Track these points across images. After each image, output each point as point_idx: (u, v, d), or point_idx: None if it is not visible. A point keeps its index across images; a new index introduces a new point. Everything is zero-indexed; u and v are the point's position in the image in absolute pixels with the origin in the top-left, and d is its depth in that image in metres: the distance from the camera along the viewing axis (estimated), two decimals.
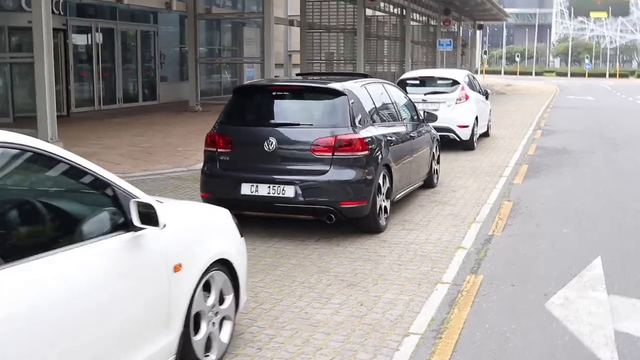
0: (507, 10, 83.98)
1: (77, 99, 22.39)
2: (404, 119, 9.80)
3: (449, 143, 15.32)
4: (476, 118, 15.60)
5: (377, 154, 8.15)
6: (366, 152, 7.85)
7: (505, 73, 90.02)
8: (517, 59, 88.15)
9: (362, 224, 8.12)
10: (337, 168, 7.71)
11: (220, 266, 4.72)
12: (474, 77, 17.72)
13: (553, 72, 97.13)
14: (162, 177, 11.87)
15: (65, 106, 21.10)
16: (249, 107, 8.45)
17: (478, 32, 75.47)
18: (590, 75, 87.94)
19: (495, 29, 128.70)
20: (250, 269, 6.81)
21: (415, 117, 10.40)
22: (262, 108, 8.38)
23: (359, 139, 7.82)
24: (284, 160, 7.84)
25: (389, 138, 8.55)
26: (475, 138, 15.60)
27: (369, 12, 40.65)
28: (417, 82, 15.86)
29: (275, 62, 37.35)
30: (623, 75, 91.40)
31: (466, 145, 15.36)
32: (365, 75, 9.68)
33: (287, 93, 8.26)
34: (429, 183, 10.89)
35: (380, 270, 6.81)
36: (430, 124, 11.02)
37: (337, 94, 8.00)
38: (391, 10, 41.86)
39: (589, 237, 8.13)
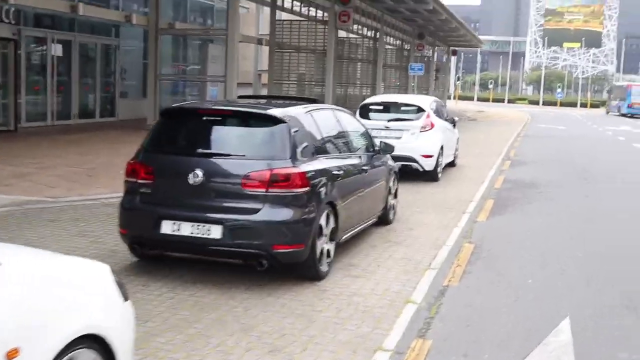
0: (482, 37, 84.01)
1: (29, 113, 21.15)
2: (357, 149, 8.79)
3: (412, 173, 14.37)
4: (441, 147, 14.66)
5: (321, 190, 7.12)
6: (306, 189, 6.82)
7: (479, 99, 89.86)
8: (490, 86, 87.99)
9: (300, 270, 7.07)
10: (271, 206, 6.67)
11: (88, 343, 3.62)
12: (441, 104, 16.81)
13: (525, 100, 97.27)
14: (95, 204, 10.73)
15: (14, 120, 19.86)
16: (176, 132, 7.38)
17: (452, 57, 75.27)
18: (562, 104, 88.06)
19: (470, 55, 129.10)
20: (161, 325, 5.74)
21: (371, 148, 9.40)
22: (191, 135, 7.30)
23: (299, 173, 6.78)
24: (211, 195, 6.78)
25: (336, 172, 7.52)
26: (440, 169, 14.65)
27: (342, 33, 39.98)
28: (381, 107, 14.90)
29: (244, 81, 36.52)
30: (594, 105, 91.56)
31: (430, 176, 14.40)
32: (314, 101, 8.68)
33: (219, 118, 7.18)
34: (384, 219, 9.88)
35: (313, 330, 5.75)
36: (391, 154, 10.07)
37: (276, 121, 6.97)
38: (365, 33, 41.17)
39: (557, 290, 7.14)
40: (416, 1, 32.22)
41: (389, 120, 14.25)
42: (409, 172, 14.40)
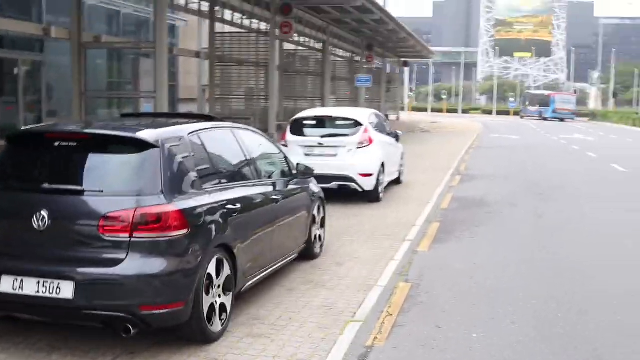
0: (434, 48, 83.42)
1: None
2: (266, 175, 7.28)
3: (351, 194, 12.91)
4: (382, 164, 13.22)
5: (208, 231, 5.61)
6: (185, 231, 5.28)
7: (433, 110, 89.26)
8: (444, 97, 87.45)
9: (184, 332, 5.52)
10: (137, 256, 5.13)
11: None
12: (382, 117, 15.39)
13: (479, 110, 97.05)
14: None
15: None
16: (22, 163, 5.75)
17: (405, 69, 74.48)
18: (515, 112, 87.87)
19: (424, 67, 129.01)
20: None
21: (287, 172, 7.90)
22: (37, 166, 5.68)
23: (174, 212, 5.25)
24: (61, 243, 5.22)
25: (231, 206, 5.99)
26: (381, 188, 13.20)
27: (291, 46, 38.58)
28: (314, 122, 13.41)
29: (188, 97, 34.88)
30: None
31: (370, 197, 12.95)
32: (210, 118, 7.16)
33: (74, 144, 5.58)
34: (308, 254, 8.37)
35: None
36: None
37: (145, 146, 5.42)
38: (312, 45, 39.82)
39: (508, 349, 5.67)
40: (362, 11, 30.95)
41: (322, 137, 12.79)
42: (348, 194, 12.97)
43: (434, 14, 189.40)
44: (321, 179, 12.44)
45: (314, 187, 8.65)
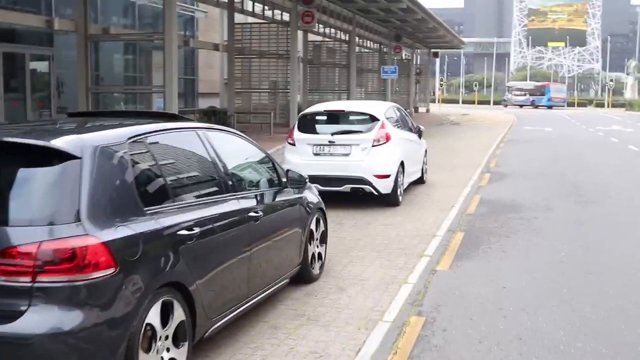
0: (466, 39, 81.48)
1: None
2: (244, 187, 5.90)
3: (366, 198, 11.50)
4: (402, 164, 11.77)
5: (147, 268, 4.26)
6: (112, 271, 3.95)
7: (464, 102, 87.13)
8: (475, 88, 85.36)
9: None
10: (43, 307, 3.80)
11: None
12: (404, 111, 13.90)
13: None
14: None
15: None
16: None
17: (435, 60, 72.57)
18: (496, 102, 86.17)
19: (455, 58, 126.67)
20: None
21: (276, 180, 6.51)
22: None
23: (96, 245, 3.91)
24: None
25: (185, 232, 4.63)
26: (400, 190, 11.74)
27: (317, 38, 37.16)
28: (324, 117, 11.98)
29: (211, 91, 33.62)
30: (581, 104, 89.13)
31: (388, 201, 11.52)
32: (174, 117, 5.81)
33: None
34: (304, 276, 6.98)
35: None
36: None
37: (61, 157, 4.07)
38: (338, 36, 38.36)
39: None
40: (389, 0, 29.46)
41: (333, 134, 11.36)
42: (362, 197, 11.56)
43: (466, 4, 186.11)
44: (332, 181, 11.13)
45: (312, 196, 7.25)
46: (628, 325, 5.87)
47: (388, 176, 11.29)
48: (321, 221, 7.39)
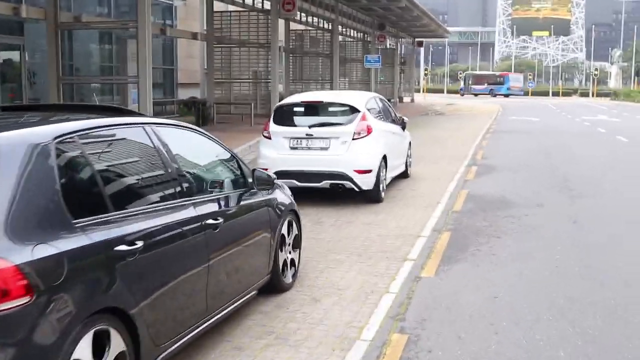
0: (450, 28, 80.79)
1: None
2: (202, 190, 5.18)
3: (346, 194, 10.81)
4: (384, 158, 11.09)
5: (74, 293, 3.54)
6: (27, 300, 3.25)
7: (449, 92, 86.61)
8: (460, 78, 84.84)
9: None
10: None
11: None
12: (387, 102, 13.20)
13: None
14: None
15: None
16: None
17: (420, 49, 71.89)
18: (534, 93, 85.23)
19: (440, 48, 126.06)
20: None
21: (240, 181, 5.79)
22: None
23: (5, 270, 3.20)
24: None
25: (124, 247, 3.91)
26: (382, 186, 11.06)
27: (298, 26, 36.33)
28: (301, 109, 11.25)
29: (191, 82, 32.75)
30: (566, 94, 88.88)
31: (369, 197, 10.84)
32: (119, 111, 5.08)
33: None
34: (275, 286, 6.28)
35: None
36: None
37: None
38: (321, 25, 37.57)
39: None
40: None
41: (311, 126, 10.64)
42: (342, 193, 10.87)
43: None
44: (310, 176, 10.44)
45: (283, 197, 6.54)
46: (636, 343, 5.22)
47: (369, 171, 10.60)
48: (294, 224, 6.69)
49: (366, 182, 10.60)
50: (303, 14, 34.43)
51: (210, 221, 4.90)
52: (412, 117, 35.19)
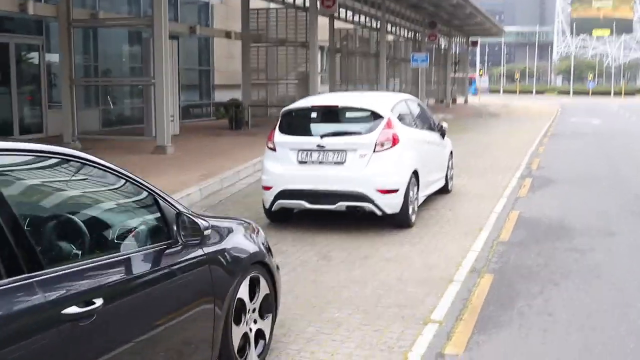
0: (507, 28, 77.66)
1: None
2: (68, 257, 3.21)
3: (368, 217, 8.76)
4: (415, 174, 8.98)
5: None
6: None
7: (505, 92, 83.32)
8: (516, 79, 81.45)
9: None
10: None
11: None
12: (421, 105, 11.02)
13: (555, 91, 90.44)
14: None
15: None
16: None
17: (475, 49, 69.08)
18: (594, 93, 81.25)
19: (496, 48, 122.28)
20: None
21: (163, 231, 3.80)
22: None
23: None
24: None
25: None
26: (413, 208, 8.93)
27: (345, 25, 34.30)
28: (313, 115, 9.20)
29: (233, 83, 30.99)
30: (629, 94, 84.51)
31: (396, 222, 8.75)
32: None
33: None
34: None
35: None
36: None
37: None
38: (368, 24, 35.48)
39: None
40: None
41: (323, 136, 8.60)
42: (364, 216, 8.83)
43: None
44: (322, 197, 8.39)
45: (242, 244, 4.53)
46: None
47: (395, 191, 8.50)
48: (262, 282, 4.67)
49: (391, 205, 8.50)
50: (349, 12, 32.45)
51: (73, 309, 2.91)
52: (463, 119, 32.85)
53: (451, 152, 11.61)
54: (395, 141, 8.59)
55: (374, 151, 8.46)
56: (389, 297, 6.13)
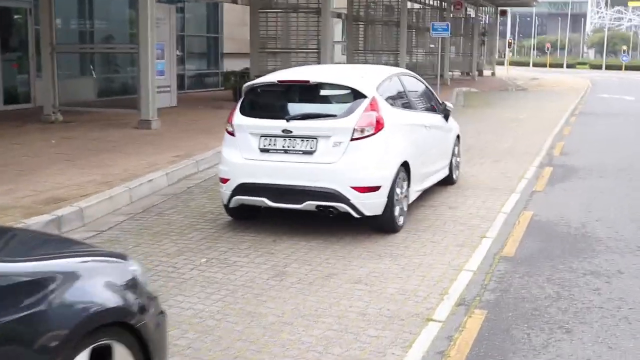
0: None
1: None
2: None
3: (342, 218, 7.12)
4: (405, 165, 7.29)
5: None
6: None
7: (535, 65, 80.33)
8: (547, 50, 78.28)
9: None
10: None
11: None
12: (420, 81, 9.17)
13: (586, 65, 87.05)
14: None
15: None
16: None
17: (504, 19, 66.28)
18: (628, 67, 77.87)
19: (528, 19, 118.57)
20: None
21: None
22: None
23: None
24: None
25: None
26: (400, 208, 7.25)
27: None
28: (280, 92, 7.51)
29: (238, 51, 29.24)
30: None
31: (379, 225, 7.10)
32: None
33: None
34: None
35: None
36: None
37: None
38: None
39: None
40: None
41: (289, 119, 6.92)
42: (336, 219, 7.19)
43: None
44: (286, 194, 6.72)
45: (89, 295, 2.94)
46: None
47: (376, 188, 6.83)
48: (118, 352, 3.06)
49: (371, 205, 6.84)
50: None
51: None
52: (488, 93, 30.83)
53: (458, 137, 9.88)
54: (379, 126, 6.89)
55: (352, 139, 6.78)
56: (340, 344, 4.51)
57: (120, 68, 22.23)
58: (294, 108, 7.12)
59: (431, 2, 41.06)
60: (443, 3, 41.02)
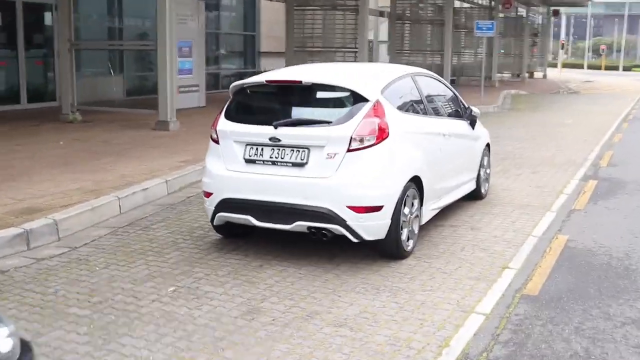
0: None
1: None
2: None
3: (347, 239, 6.09)
4: (416, 181, 6.21)
5: None
6: None
7: (590, 67, 77.54)
8: (602, 52, 75.37)
9: None
10: None
11: None
12: (442, 83, 8.04)
13: None
14: None
15: None
16: None
17: (558, 20, 64.02)
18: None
19: (583, 20, 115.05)
20: None
21: None
22: None
23: None
24: None
25: None
26: (410, 230, 6.17)
27: None
28: (270, 95, 6.50)
29: (275, 50, 28.39)
30: None
31: (382, 251, 6.04)
32: None
33: None
34: None
35: None
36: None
37: None
38: None
39: None
40: None
41: (277, 125, 5.91)
42: (331, 242, 6.17)
43: None
44: (274, 212, 5.71)
45: None
46: None
47: (378, 208, 5.77)
48: None
49: (371, 228, 5.78)
50: None
51: None
52: (537, 96, 29.32)
53: (488, 145, 8.73)
54: (382, 135, 5.83)
55: (349, 149, 5.73)
56: None
57: (153, 66, 21.58)
58: (284, 113, 6.11)
59: (480, 1, 39.57)
60: (492, 2, 39.47)
